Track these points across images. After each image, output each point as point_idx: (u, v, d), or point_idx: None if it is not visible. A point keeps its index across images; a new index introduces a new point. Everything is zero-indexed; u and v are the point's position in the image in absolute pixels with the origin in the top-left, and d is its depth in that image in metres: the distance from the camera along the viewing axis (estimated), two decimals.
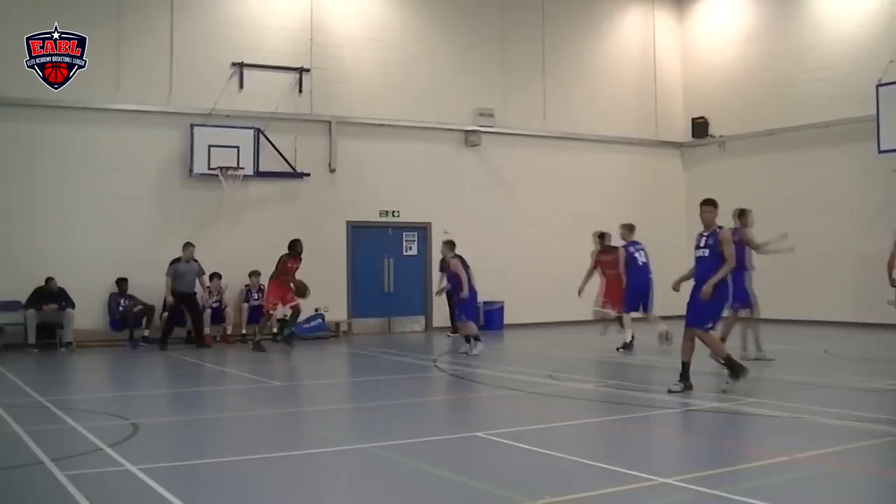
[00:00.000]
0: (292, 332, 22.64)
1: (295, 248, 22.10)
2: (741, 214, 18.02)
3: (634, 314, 20.64)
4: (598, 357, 19.38)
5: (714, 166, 31.30)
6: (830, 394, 14.58)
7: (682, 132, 32.25)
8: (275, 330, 23.74)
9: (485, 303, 26.63)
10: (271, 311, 22.34)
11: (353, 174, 26.12)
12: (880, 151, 23.21)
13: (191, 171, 23.97)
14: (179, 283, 22.47)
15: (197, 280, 22.89)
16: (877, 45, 25.76)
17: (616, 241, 21.34)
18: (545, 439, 10.83)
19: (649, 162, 31.61)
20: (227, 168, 24.02)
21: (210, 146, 23.90)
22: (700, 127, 31.64)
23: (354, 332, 25.90)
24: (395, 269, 26.92)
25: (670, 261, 25.57)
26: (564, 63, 29.91)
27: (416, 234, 27.21)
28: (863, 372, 16.46)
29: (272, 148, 24.99)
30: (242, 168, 24.24)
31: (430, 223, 27.12)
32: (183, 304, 22.72)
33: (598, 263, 21.31)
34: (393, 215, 26.81)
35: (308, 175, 25.49)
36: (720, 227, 14.57)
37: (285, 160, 25.19)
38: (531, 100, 29.12)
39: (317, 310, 24.97)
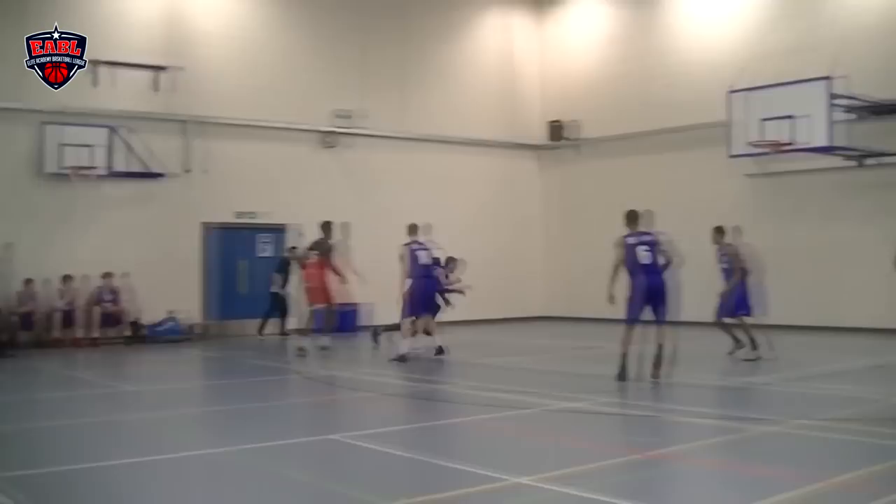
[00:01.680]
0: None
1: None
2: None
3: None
4: (457, 358, 19.43)
5: (570, 169, 31.72)
6: (682, 392, 14.86)
7: (539, 135, 32.55)
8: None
9: (341, 305, 26.53)
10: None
11: (209, 175, 25.77)
12: (731, 156, 23.72)
13: (42, 170, 23.42)
14: None
15: None
16: (729, 53, 26.32)
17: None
18: (402, 441, 10.85)
19: (506, 164, 31.85)
20: (80, 168, 23.52)
21: (62, 145, 23.33)
22: (556, 130, 31.99)
23: (209, 334, 25.58)
24: (250, 270, 26.68)
25: (526, 260, 26.03)
26: (424, 65, 30.00)
27: (271, 235, 26.99)
28: (713, 370, 16.80)
29: (127, 147, 24.56)
30: (96, 168, 23.72)
31: (285, 224, 26.87)
32: None
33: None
34: (249, 217, 26.56)
35: (163, 175, 25.11)
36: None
37: (140, 160, 24.78)
38: (390, 101, 29.12)
39: (170, 312, 24.62)
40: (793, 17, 25.49)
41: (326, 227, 21.24)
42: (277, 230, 26.95)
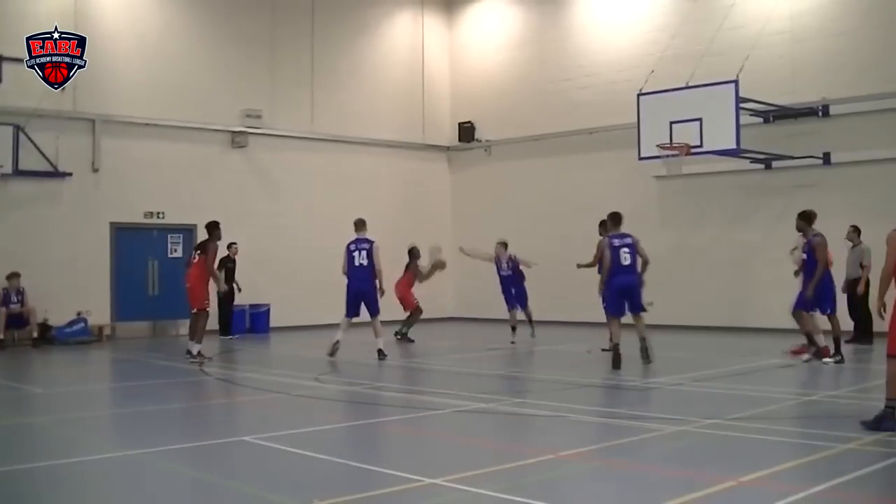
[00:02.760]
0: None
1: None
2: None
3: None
4: (368, 360, 19.39)
5: (480, 170, 31.86)
6: (591, 392, 14.98)
7: (449, 136, 32.72)
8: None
9: (251, 305, 26.49)
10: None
11: (117, 174, 25.51)
12: (641, 158, 23.92)
13: None
14: None
15: None
16: (639, 56, 26.60)
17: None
18: (313, 442, 10.80)
19: (416, 165, 31.94)
20: None
21: None
22: (467, 131, 32.17)
23: (119, 335, 25.31)
24: (160, 271, 26.43)
25: None
26: (334, 65, 29.94)
27: (181, 235, 26.74)
28: (623, 371, 16.93)
29: (33, 146, 24.20)
30: (1, 166, 23.38)
31: (195, 225, 26.58)
32: None
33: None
34: (158, 217, 26.29)
35: (70, 175, 24.79)
36: None
37: (47, 159, 24.44)
38: (300, 101, 29.05)
39: (79, 313, 24.33)
40: (700, 22, 25.76)
41: (210, 227, 20.36)
42: (187, 230, 26.71)
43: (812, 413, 12.60)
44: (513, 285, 23.25)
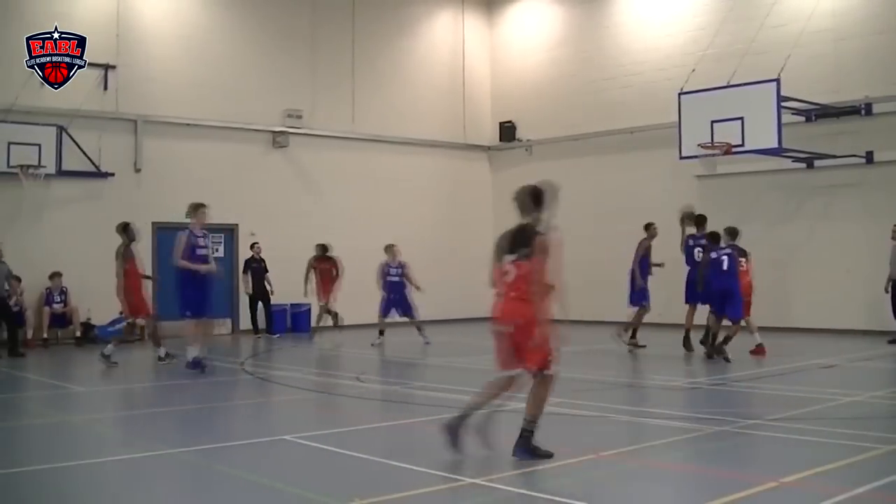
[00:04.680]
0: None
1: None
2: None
3: None
4: (407, 359, 19.41)
5: (521, 170, 31.73)
6: (632, 392, 14.94)
7: (490, 136, 32.70)
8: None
9: (292, 305, 26.54)
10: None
11: (159, 174, 25.61)
12: (681, 157, 23.81)
13: None
14: None
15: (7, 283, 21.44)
16: (680, 55, 26.49)
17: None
18: (353, 442, 10.81)
19: (457, 165, 31.93)
20: (28, 166, 23.27)
21: (10, 143, 23.03)
22: (508, 131, 32.13)
23: (160, 335, 25.35)
24: None
25: (477, 261, 25.99)
26: (374, 65, 29.98)
27: (222, 235, 26.79)
28: (663, 371, 16.87)
29: (76, 146, 24.36)
30: (44, 167, 23.48)
31: (237, 225, 26.77)
32: None
33: None
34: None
35: (113, 175, 24.92)
36: None
37: (89, 159, 24.59)
38: (340, 101, 29.09)
39: (121, 313, 24.41)
40: (742, 20, 25.61)
41: (118, 230, 19.84)
42: (229, 230, 26.79)
43: (855, 414, 12.50)
44: (397, 292, 22.87)
